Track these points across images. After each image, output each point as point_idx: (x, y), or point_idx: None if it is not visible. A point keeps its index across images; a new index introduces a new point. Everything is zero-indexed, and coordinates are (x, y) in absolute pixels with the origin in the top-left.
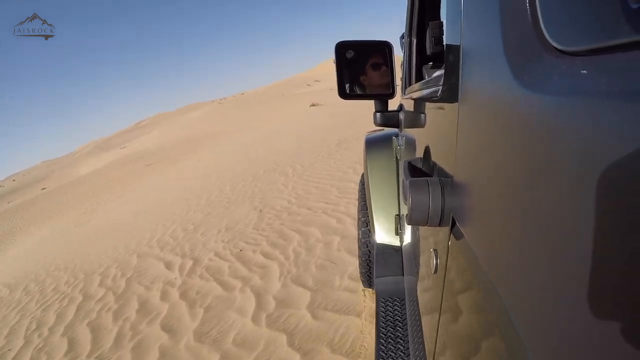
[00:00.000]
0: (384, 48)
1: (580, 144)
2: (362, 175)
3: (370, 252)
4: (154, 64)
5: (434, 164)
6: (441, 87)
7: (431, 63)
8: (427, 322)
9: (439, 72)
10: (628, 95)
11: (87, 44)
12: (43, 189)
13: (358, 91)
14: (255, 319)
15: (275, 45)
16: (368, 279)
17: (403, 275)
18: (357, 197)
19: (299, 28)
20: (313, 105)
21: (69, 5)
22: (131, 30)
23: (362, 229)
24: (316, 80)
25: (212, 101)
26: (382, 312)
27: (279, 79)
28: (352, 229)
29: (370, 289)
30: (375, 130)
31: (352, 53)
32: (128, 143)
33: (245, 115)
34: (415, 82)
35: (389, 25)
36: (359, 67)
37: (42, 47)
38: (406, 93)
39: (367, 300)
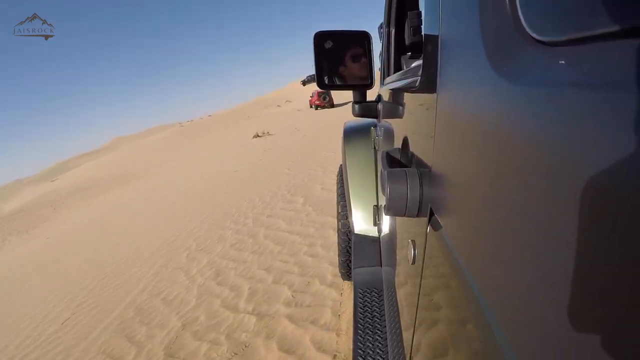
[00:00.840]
0: (362, 38)
1: (559, 133)
2: (341, 166)
3: (349, 244)
4: (143, 79)
5: (412, 154)
6: (419, 78)
7: (410, 53)
8: (405, 313)
9: (417, 63)
10: (605, 85)
11: (79, 51)
12: None
13: (337, 82)
14: None
15: (255, 61)
16: (348, 272)
17: (381, 266)
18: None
19: (280, 45)
20: (256, 136)
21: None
22: (119, 42)
23: (342, 220)
24: (287, 101)
25: (176, 124)
26: (360, 303)
27: (257, 95)
28: None
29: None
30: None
31: (331, 43)
32: (61, 175)
33: (182, 147)
34: (394, 73)
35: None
36: (338, 58)
37: (33, 54)
38: (384, 83)
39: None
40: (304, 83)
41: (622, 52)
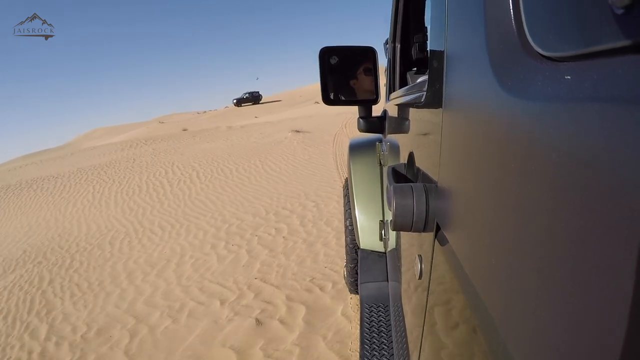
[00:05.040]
0: (368, 54)
1: (564, 149)
2: (346, 181)
3: (357, 260)
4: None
5: (418, 169)
6: (425, 93)
7: (415, 69)
8: (412, 328)
9: (423, 78)
10: (612, 101)
11: (84, 43)
12: None
13: (342, 97)
14: None
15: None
16: (355, 286)
17: (387, 281)
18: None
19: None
20: None
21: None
22: (133, 24)
23: (350, 235)
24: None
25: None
26: (367, 318)
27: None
28: None
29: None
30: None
31: (336, 59)
32: None
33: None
34: (399, 88)
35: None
36: (343, 73)
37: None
38: (390, 99)
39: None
40: (238, 103)
41: (628, 67)
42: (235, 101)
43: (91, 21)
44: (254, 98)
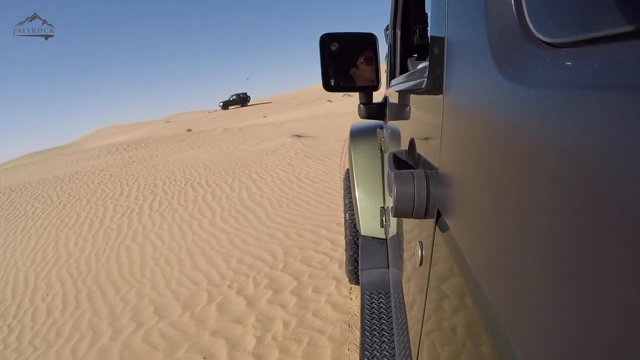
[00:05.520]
0: (368, 40)
1: (565, 135)
2: (347, 172)
3: (357, 247)
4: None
5: (419, 156)
6: (426, 79)
7: (416, 55)
8: (412, 315)
9: (423, 64)
10: (612, 87)
11: (106, 43)
12: None
13: (342, 84)
14: None
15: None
16: (355, 276)
17: (388, 267)
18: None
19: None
20: None
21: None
22: (142, 26)
23: (350, 228)
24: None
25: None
26: (367, 305)
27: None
28: None
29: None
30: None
31: (337, 45)
32: None
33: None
34: (400, 74)
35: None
36: (344, 60)
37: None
38: (391, 85)
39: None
40: (225, 106)
41: (628, 53)
42: (221, 104)
43: (112, 22)
44: (242, 100)
